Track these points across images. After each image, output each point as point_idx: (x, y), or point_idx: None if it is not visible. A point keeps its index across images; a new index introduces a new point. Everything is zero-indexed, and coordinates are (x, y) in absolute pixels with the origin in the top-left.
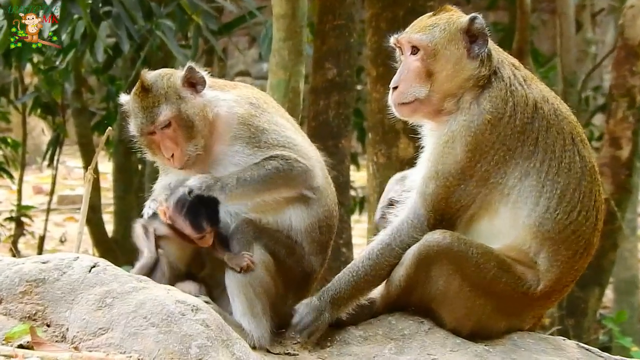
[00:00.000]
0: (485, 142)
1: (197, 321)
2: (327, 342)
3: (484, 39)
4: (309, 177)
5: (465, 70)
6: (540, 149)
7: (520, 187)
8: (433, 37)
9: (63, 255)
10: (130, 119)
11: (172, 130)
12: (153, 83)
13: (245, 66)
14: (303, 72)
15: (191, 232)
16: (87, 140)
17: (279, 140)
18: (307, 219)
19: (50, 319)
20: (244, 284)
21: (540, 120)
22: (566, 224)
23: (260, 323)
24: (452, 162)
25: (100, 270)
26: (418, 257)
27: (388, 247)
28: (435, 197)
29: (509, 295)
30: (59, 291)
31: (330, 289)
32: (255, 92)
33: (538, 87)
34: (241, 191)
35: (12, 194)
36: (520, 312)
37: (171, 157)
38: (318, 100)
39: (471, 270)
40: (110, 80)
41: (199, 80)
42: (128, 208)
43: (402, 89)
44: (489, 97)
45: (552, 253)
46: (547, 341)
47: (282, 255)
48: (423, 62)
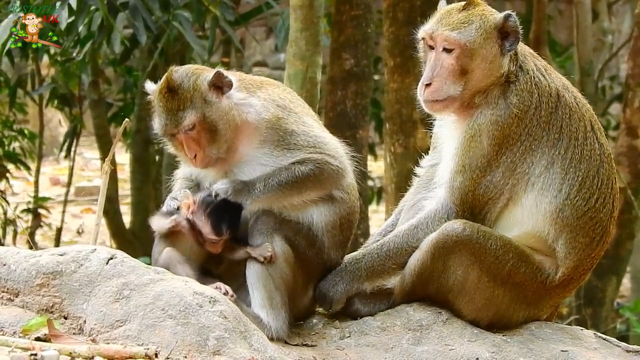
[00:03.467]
0: (512, 135)
1: (214, 313)
2: (346, 333)
3: (516, 36)
4: (341, 177)
5: (499, 67)
6: (564, 136)
7: (546, 175)
8: (470, 36)
9: (80, 247)
10: (154, 116)
11: (195, 132)
12: (180, 84)
13: (262, 57)
14: (320, 63)
15: (209, 234)
16: (104, 132)
17: (308, 141)
18: (329, 217)
19: (68, 312)
20: (264, 275)
21: (564, 108)
22: (584, 210)
23: (279, 314)
24: (479, 155)
25: (117, 262)
26: (435, 245)
27: (414, 230)
28: (463, 190)
29: (527, 285)
30: (76, 283)
31: (353, 261)
32: (281, 90)
33: (557, 76)
34: (268, 196)
35: (29, 185)
36: (539, 302)
37: (194, 157)
38: (335, 90)
39: (490, 261)
40: (127, 72)
41: (225, 84)
42: (145, 199)
43: (435, 87)
44: (516, 91)
45: (570, 240)
46: (564, 331)
47: (303, 247)
48: (458, 60)
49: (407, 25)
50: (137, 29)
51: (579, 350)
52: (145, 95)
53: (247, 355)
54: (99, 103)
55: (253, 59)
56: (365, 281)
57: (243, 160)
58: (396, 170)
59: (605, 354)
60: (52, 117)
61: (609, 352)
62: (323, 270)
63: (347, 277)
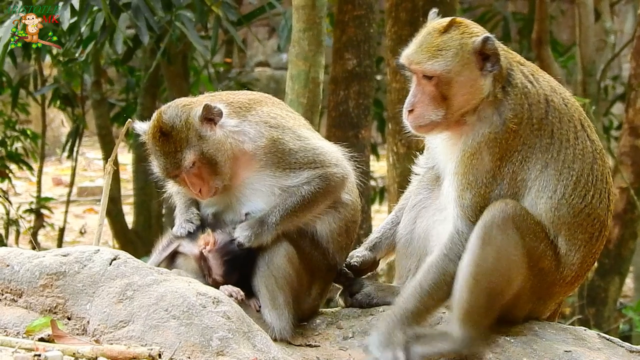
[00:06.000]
0: (510, 148)
1: (218, 313)
2: (349, 333)
3: (497, 58)
4: (346, 181)
5: (481, 89)
6: (556, 139)
7: (541, 178)
8: (446, 64)
9: (84, 248)
10: (152, 159)
11: (196, 169)
12: (172, 126)
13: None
14: (323, 63)
15: (218, 275)
16: (107, 132)
17: (307, 157)
18: (333, 223)
19: (71, 312)
20: (267, 275)
21: (553, 112)
22: (581, 207)
23: (282, 315)
24: (482, 171)
25: (121, 263)
26: (484, 228)
27: (447, 258)
28: (475, 206)
29: (548, 275)
30: (79, 284)
31: (396, 309)
32: (270, 107)
33: (545, 80)
34: (285, 225)
35: (31, 185)
36: (549, 297)
37: (199, 191)
38: (338, 90)
39: (530, 238)
40: (129, 72)
41: (216, 114)
42: (148, 199)
43: (417, 113)
44: (509, 106)
45: (569, 237)
46: (568, 331)
47: (307, 247)
48: (438, 87)
49: (409, 25)
50: (140, 29)
51: (583, 351)
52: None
53: (250, 356)
54: (101, 103)
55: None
56: (414, 324)
57: (245, 184)
58: (399, 170)
59: (609, 354)
60: (55, 117)
61: (612, 353)
62: (328, 269)
63: (397, 326)
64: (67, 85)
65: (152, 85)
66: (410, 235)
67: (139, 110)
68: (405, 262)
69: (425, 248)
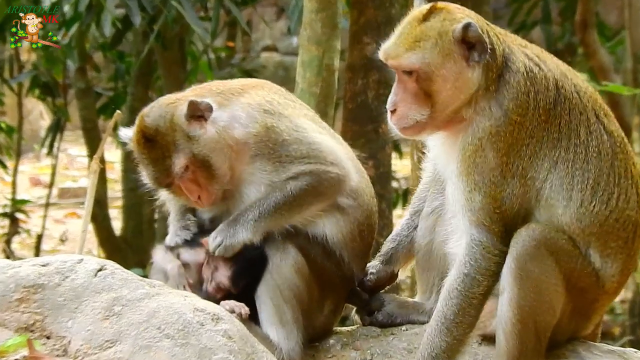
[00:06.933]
0: (515, 142)
1: (218, 332)
2: (367, 356)
3: (483, 46)
4: (343, 184)
5: (468, 83)
6: (564, 135)
7: (550, 180)
8: (424, 57)
9: (65, 257)
10: (141, 168)
11: (190, 173)
12: (156, 129)
13: (272, 40)
14: (338, 48)
15: (225, 278)
16: (92, 125)
17: (301, 151)
18: (344, 228)
19: (51, 330)
20: (272, 287)
21: (563, 102)
22: (606, 214)
23: (291, 333)
24: (488, 170)
25: (107, 274)
26: (517, 264)
27: (468, 278)
28: (487, 209)
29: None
30: (60, 298)
31: (424, 348)
32: (267, 92)
33: (554, 62)
34: (267, 223)
35: (6, 186)
36: (593, 313)
37: (198, 198)
38: (355, 79)
39: (565, 260)
40: (119, 57)
41: (205, 110)
42: (138, 202)
43: (400, 113)
44: (510, 95)
45: (601, 248)
46: (616, 354)
47: (319, 257)
48: (418, 84)
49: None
50: (131, 9)
51: None
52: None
53: None
54: (86, 92)
55: (262, 43)
56: None
57: (241, 180)
58: None
59: None
60: (33, 108)
61: None
62: (342, 281)
63: None
64: (47, 72)
65: (144, 73)
66: (429, 246)
67: (129, 100)
68: (427, 276)
69: (448, 259)
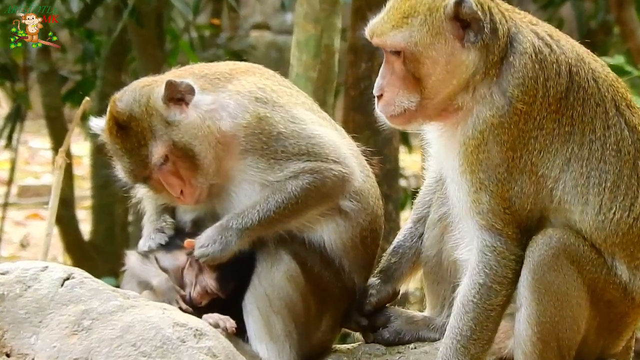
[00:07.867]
0: (521, 134)
1: (200, 350)
2: None
3: (479, 25)
4: (347, 185)
5: (461, 66)
6: (577, 129)
7: (563, 179)
8: (411, 35)
9: (27, 264)
10: (115, 161)
11: (171, 164)
12: (130, 115)
13: (263, 17)
14: (339, 26)
15: (211, 281)
16: (57, 114)
17: (299, 145)
18: (345, 233)
19: (11, 347)
20: (260, 296)
21: (576, 91)
22: (630, 222)
23: (282, 350)
24: (493, 167)
25: (75, 284)
26: (534, 275)
27: (484, 288)
28: (497, 209)
29: (616, 305)
30: (22, 311)
31: None
32: (258, 78)
33: (569, 43)
34: (262, 230)
35: None
36: (623, 328)
37: (180, 193)
38: (359, 62)
39: (587, 269)
40: (87, 36)
41: (185, 92)
42: (110, 202)
43: (387, 99)
44: (515, 80)
45: (627, 258)
46: None
47: (316, 265)
48: (406, 65)
49: None
50: None
51: None
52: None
53: None
54: (50, 76)
55: (251, 20)
56: None
57: (226, 176)
58: None
59: None
60: None
61: None
62: (342, 293)
63: None
64: (5, 53)
65: (117, 54)
66: (439, 256)
67: (99, 85)
68: (438, 289)
69: (459, 269)
